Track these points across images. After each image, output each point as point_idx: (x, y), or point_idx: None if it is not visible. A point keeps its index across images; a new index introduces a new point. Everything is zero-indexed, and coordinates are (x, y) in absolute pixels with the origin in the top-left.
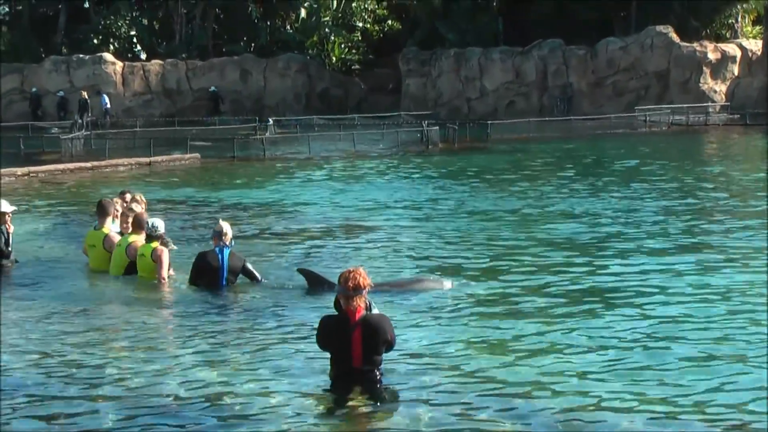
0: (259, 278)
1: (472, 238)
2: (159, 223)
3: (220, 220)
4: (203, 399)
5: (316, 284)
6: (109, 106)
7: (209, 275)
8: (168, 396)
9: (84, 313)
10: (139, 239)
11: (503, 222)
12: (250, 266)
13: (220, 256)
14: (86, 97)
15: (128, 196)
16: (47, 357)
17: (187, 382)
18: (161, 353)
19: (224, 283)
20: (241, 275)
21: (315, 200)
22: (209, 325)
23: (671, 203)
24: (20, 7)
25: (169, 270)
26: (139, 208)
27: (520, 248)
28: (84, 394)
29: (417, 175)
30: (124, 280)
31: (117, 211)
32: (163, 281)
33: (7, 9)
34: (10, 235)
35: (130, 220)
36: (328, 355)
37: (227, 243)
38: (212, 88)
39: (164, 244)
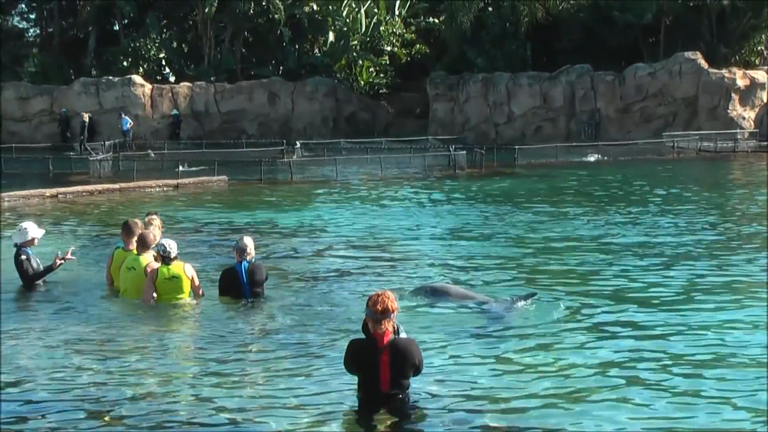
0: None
1: (498, 262)
2: (173, 244)
3: (244, 237)
4: (226, 420)
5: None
6: (127, 128)
7: (234, 290)
8: (190, 416)
9: (111, 334)
10: (149, 259)
11: (530, 246)
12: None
13: (240, 271)
14: (86, 119)
15: (155, 218)
16: (68, 376)
17: (211, 402)
18: (183, 372)
19: (248, 295)
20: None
21: (341, 223)
22: (235, 344)
23: (698, 230)
24: (51, 30)
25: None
26: (155, 230)
27: (547, 273)
28: (104, 411)
29: (444, 200)
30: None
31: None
32: (202, 297)
33: (38, 31)
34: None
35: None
36: (355, 377)
37: (246, 258)
38: (174, 111)
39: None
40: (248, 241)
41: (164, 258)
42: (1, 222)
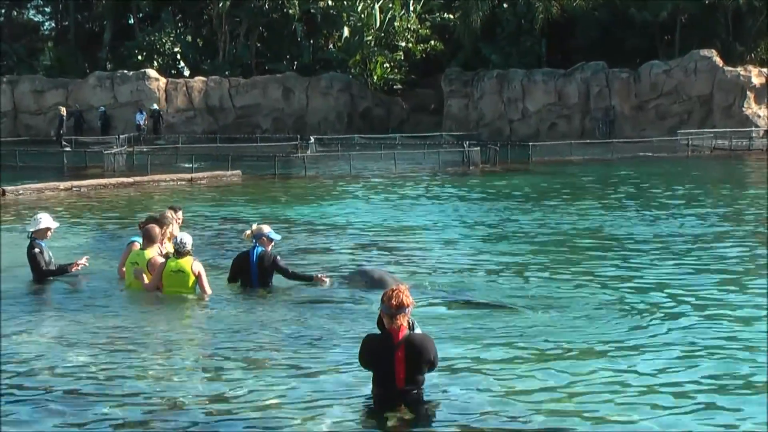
0: (290, 270)
1: (512, 260)
2: (187, 239)
3: (262, 224)
4: (237, 416)
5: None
6: (141, 123)
7: (243, 276)
8: (199, 411)
9: (123, 328)
10: (154, 253)
11: (541, 243)
12: (281, 263)
13: (252, 255)
14: (63, 113)
15: (180, 213)
16: (70, 367)
17: (221, 397)
18: (191, 367)
19: (256, 283)
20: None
21: (354, 218)
22: (244, 338)
23: (710, 228)
24: (66, 23)
25: None
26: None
27: (561, 270)
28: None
29: (457, 196)
30: (161, 295)
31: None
32: (208, 294)
33: (53, 24)
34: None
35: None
36: (369, 372)
37: (257, 243)
38: (154, 105)
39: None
40: (263, 228)
41: (177, 251)
42: (0, 215)
